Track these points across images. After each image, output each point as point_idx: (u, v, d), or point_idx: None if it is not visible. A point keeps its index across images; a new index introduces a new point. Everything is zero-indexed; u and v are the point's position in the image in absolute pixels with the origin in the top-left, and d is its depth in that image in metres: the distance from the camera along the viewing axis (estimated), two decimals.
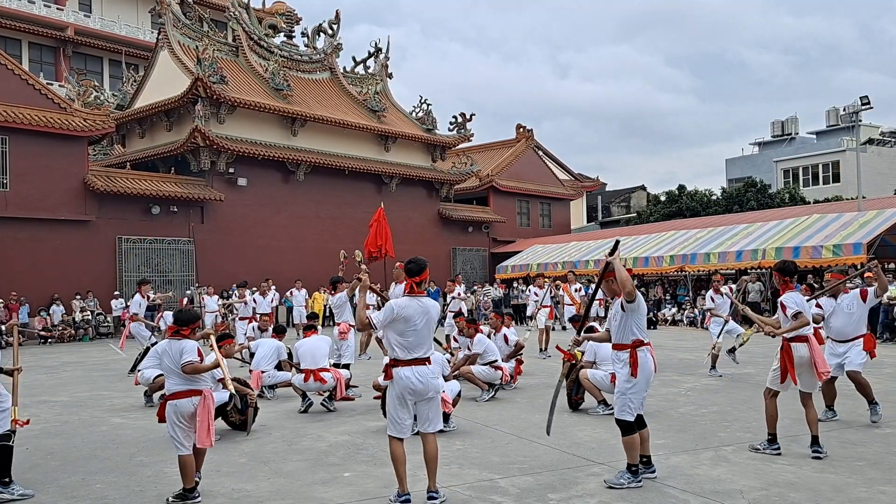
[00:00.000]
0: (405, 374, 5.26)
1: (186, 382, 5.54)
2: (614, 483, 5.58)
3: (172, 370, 5.57)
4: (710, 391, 10.20)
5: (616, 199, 54.06)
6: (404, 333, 5.30)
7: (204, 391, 5.56)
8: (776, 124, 57.56)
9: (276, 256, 26.97)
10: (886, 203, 24.62)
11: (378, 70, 34.54)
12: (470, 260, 34.86)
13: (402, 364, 5.29)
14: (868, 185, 36.95)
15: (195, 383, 5.58)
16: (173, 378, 5.56)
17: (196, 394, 5.53)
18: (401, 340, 5.30)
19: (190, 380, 5.55)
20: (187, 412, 5.50)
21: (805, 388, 6.61)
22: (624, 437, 5.68)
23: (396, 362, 5.31)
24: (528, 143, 39.81)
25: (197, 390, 5.55)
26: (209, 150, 25.27)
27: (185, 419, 5.52)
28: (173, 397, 5.53)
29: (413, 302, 5.37)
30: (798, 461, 6.28)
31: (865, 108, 26.96)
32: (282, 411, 9.19)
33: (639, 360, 5.69)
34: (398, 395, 5.30)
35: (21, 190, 21.61)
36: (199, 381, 5.61)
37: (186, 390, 5.52)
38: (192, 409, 5.50)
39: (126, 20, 40.58)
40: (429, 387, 5.31)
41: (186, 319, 5.74)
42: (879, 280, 7.93)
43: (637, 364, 5.67)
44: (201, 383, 5.62)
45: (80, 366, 15.22)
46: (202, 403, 5.50)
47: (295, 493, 5.68)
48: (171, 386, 5.57)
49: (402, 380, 5.26)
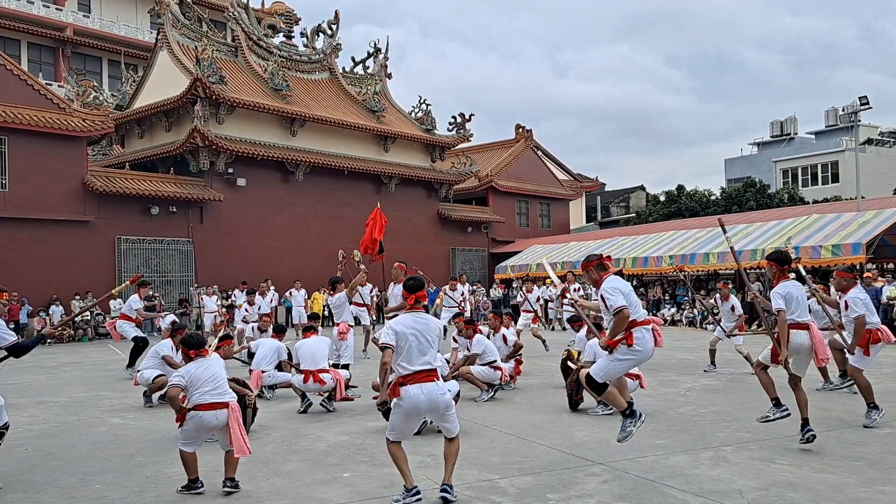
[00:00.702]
0: (413, 391, 5.17)
1: (213, 395, 5.65)
2: (623, 437, 5.70)
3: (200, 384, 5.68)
4: (709, 391, 10.20)
5: (615, 199, 54.09)
6: (408, 349, 5.26)
7: (231, 403, 5.69)
8: (775, 124, 57.57)
9: (275, 257, 26.97)
10: (885, 203, 24.63)
11: (377, 70, 34.54)
12: (469, 260, 34.86)
13: (409, 381, 5.19)
14: (867, 186, 36.96)
15: (222, 395, 5.70)
16: (200, 390, 5.66)
17: (223, 406, 5.66)
18: (404, 357, 5.25)
19: (218, 393, 5.68)
20: (209, 424, 5.63)
21: (797, 371, 6.68)
22: (601, 395, 5.72)
23: (403, 379, 5.22)
24: (528, 144, 39.82)
25: (223, 403, 5.67)
26: (208, 150, 25.27)
27: (205, 431, 5.68)
28: (199, 408, 5.62)
29: (412, 318, 5.38)
30: (797, 461, 6.28)
31: (864, 109, 27.00)
32: (281, 411, 9.19)
33: (634, 338, 5.75)
34: (406, 413, 5.23)
35: (20, 190, 21.60)
36: (225, 393, 5.74)
37: (212, 403, 5.63)
38: (215, 421, 5.62)
39: (125, 20, 40.57)
40: (437, 404, 5.20)
41: (196, 344, 5.88)
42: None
43: (632, 339, 5.76)
44: (227, 395, 5.74)
45: (80, 366, 15.21)
46: (232, 416, 5.63)
47: (294, 493, 5.68)
48: (196, 398, 5.65)
49: (410, 398, 5.17)
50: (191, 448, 5.65)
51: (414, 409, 5.20)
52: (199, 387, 5.66)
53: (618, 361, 5.88)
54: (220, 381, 5.78)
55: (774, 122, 57.68)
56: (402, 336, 5.25)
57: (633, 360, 5.91)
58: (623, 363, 5.89)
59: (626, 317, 5.77)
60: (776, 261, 6.97)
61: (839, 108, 44.73)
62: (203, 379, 5.69)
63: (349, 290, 11.21)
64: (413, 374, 5.20)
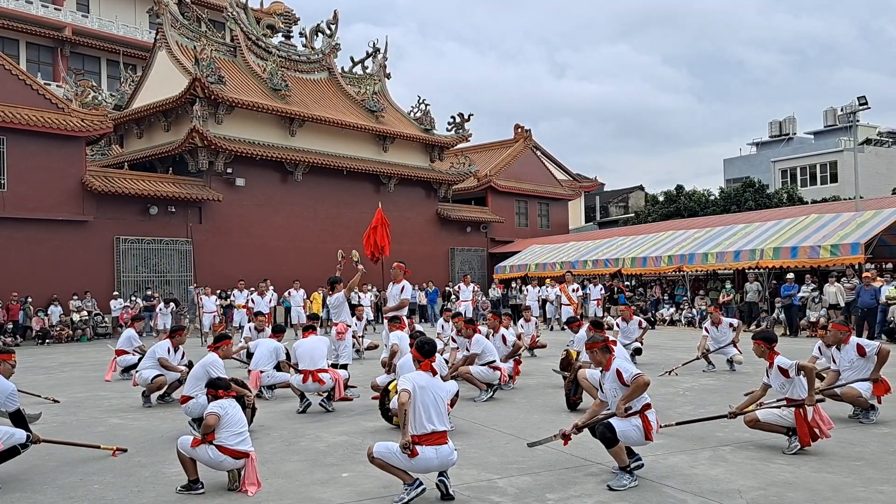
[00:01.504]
0: (428, 454, 5.24)
1: (239, 443, 5.67)
2: (617, 486, 5.59)
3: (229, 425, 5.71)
4: (708, 391, 10.20)
5: (614, 199, 54.12)
6: (426, 408, 5.32)
7: (251, 454, 5.72)
8: (774, 124, 57.60)
9: (274, 257, 26.97)
10: (884, 203, 24.65)
11: (376, 70, 34.55)
12: (468, 260, 34.87)
13: (425, 442, 5.25)
14: (866, 186, 36.98)
15: (245, 444, 5.71)
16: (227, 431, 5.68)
17: (244, 456, 5.68)
18: (422, 414, 5.30)
19: (242, 440, 5.70)
20: (224, 467, 5.68)
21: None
22: (610, 448, 5.71)
23: (419, 439, 5.25)
24: (527, 144, 39.84)
25: (245, 453, 5.69)
26: (207, 150, 25.26)
27: (216, 466, 5.69)
28: (222, 450, 5.64)
29: (429, 378, 5.49)
30: (796, 461, 6.28)
31: (863, 109, 27.04)
32: (280, 412, 9.18)
33: (651, 422, 5.78)
34: (411, 468, 5.25)
35: (19, 190, 21.59)
36: (247, 441, 5.76)
37: (236, 450, 5.65)
38: (230, 465, 5.67)
39: (124, 20, 40.56)
40: (446, 464, 5.34)
41: (224, 386, 5.95)
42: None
43: (651, 428, 5.77)
44: (249, 444, 5.77)
45: (78, 366, 15.20)
46: (249, 465, 5.67)
47: (293, 493, 5.68)
48: (220, 439, 5.66)
49: (424, 460, 5.23)
50: (190, 455, 5.67)
51: (423, 469, 5.28)
52: (226, 427, 5.68)
53: (635, 429, 5.79)
54: (244, 427, 5.82)
55: (773, 122, 57.70)
56: (421, 391, 5.34)
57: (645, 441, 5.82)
58: (639, 438, 5.81)
59: (647, 382, 5.74)
60: (764, 339, 6.94)
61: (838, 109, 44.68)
62: (234, 420, 5.74)
63: (347, 289, 11.21)
64: (429, 436, 5.28)
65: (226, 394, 5.89)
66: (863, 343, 7.96)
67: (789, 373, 6.63)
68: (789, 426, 6.58)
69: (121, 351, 12.44)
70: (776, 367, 6.73)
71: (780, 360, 6.74)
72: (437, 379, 5.61)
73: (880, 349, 7.86)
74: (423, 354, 5.71)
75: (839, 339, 8.12)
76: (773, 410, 6.70)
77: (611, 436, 5.65)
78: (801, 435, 6.48)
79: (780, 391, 6.74)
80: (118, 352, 12.50)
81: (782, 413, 6.64)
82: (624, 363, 5.98)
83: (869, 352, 7.83)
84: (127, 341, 12.52)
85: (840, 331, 8.19)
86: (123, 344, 12.52)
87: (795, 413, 6.52)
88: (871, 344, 8.01)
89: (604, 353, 6.05)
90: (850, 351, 7.95)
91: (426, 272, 29.41)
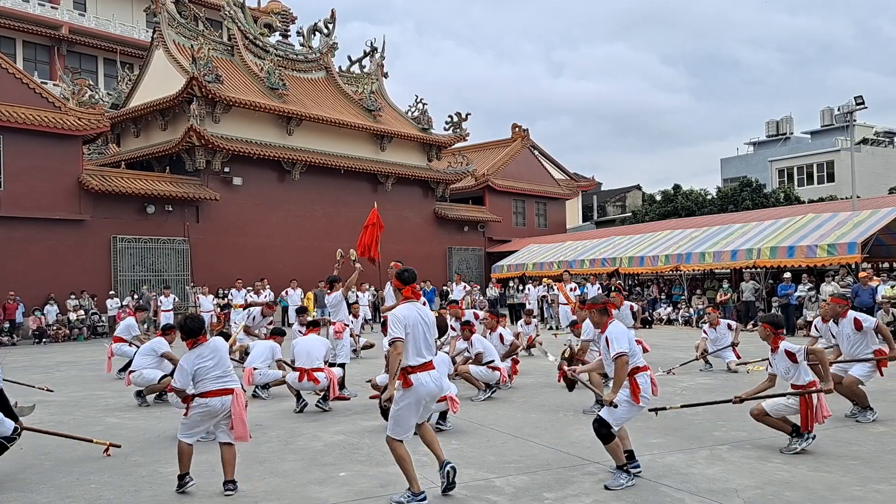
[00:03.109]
0: (425, 379, 5.31)
1: (219, 382, 5.69)
2: (614, 486, 5.59)
3: (205, 372, 5.69)
4: (705, 390, 10.21)
5: (611, 198, 54.17)
6: (415, 341, 5.35)
7: (235, 389, 5.73)
8: (771, 124, 57.66)
9: (271, 256, 26.94)
10: (881, 203, 24.70)
11: (373, 69, 34.52)
12: (466, 259, 34.87)
13: (418, 370, 5.31)
14: (862, 185, 37.05)
15: (227, 382, 5.72)
16: (206, 378, 5.68)
17: (228, 392, 5.69)
18: (412, 348, 5.33)
19: (224, 380, 5.71)
20: (215, 410, 5.67)
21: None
22: (606, 444, 5.71)
23: (412, 370, 5.30)
24: (524, 143, 39.86)
25: (228, 389, 5.70)
26: (204, 149, 25.22)
27: (210, 418, 5.69)
28: (205, 395, 5.65)
29: (415, 308, 5.45)
30: (793, 460, 6.29)
31: (860, 108, 27.04)
32: (277, 411, 9.18)
33: (638, 384, 5.74)
34: (416, 402, 5.31)
35: (15, 189, 21.54)
36: (231, 380, 5.77)
37: (217, 389, 5.67)
38: (220, 407, 5.67)
39: (121, 19, 40.48)
40: (442, 388, 5.53)
41: (192, 331, 5.81)
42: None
43: (639, 391, 5.73)
44: (233, 381, 5.77)
45: (75, 365, 15.17)
46: (235, 401, 5.68)
47: (290, 492, 5.67)
48: (202, 386, 5.67)
49: (423, 385, 5.30)
50: (191, 439, 5.70)
51: (425, 396, 5.33)
52: (204, 376, 5.67)
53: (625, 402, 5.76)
54: (225, 367, 5.80)
55: (770, 122, 57.74)
56: (412, 326, 5.34)
57: (636, 406, 5.78)
58: (630, 409, 5.77)
59: (626, 363, 5.72)
60: (770, 323, 6.91)
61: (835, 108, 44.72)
62: (208, 367, 5.70)
63: (345, 288, 11.21)
64: (421, 365, 5.34)
65: (195, 342, 5.74)
66: (860, 317, 7.96)
67: (797, 357, 6.58)
68: (795, 410, 6.57)
69: (118, 338, 12.39)
70: (782, 351, 6.67)
71: (785, 344, 6.69)
72: (424, 309, 5.55)
73: (878, 325, 7.89)
74: (404, 282, 5.60)
75: (837, 313, 8.12)
76: (780, 400, 6.67)
77: (606, 431, 5.66)
78: (803, 420, 6.49)
79: (784, 376, 6.71)
80: (116, 338, 12.47)
81: (789, 401, 6.62)
82: (616, 332, 5.83)
83: (866, 326, 7.86)
84: (126, 329, 12.46)
85: (839, 304, 8.20)
86: (122, 332, 12.48)
87: (801, 399, 6.51)
88: (868, 318, 8.00)
89: (601, 315, 6.02)
90: (847, 325, 7.96)
91: (423, 272, 29.26)
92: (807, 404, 6.49)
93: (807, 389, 6.56)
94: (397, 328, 5.28)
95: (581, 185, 47.03)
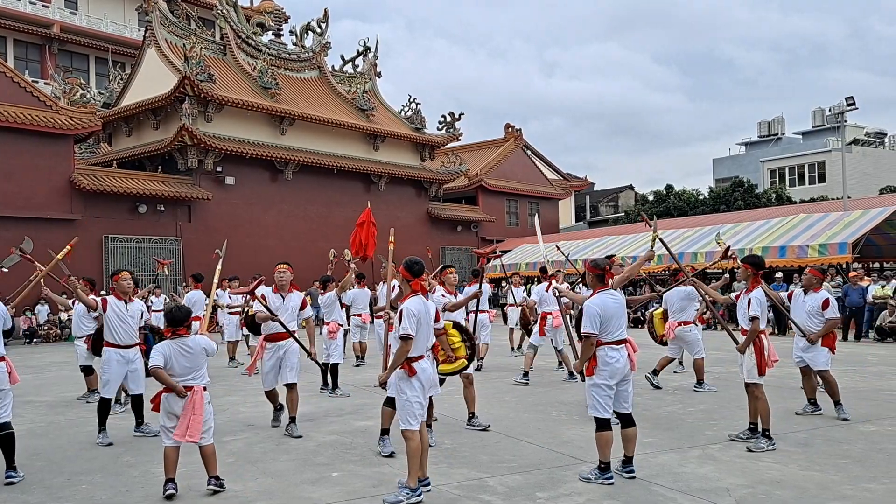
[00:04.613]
0: (424, 365, 5.48)
1: (186, 379, 5.59)
2: (585, 476, 5.69)
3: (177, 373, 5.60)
4: (695, 391, 10.24)
5: (604, 198, 54.24)
6: (420, 336, 5.40)
7: (195, 387, 5.59)
8: (763, 124, 57.94)
9: (263, 255, 26.82)
10: (871, 203, 24.82)
11: (366, 69, 34.50)
12: (459, 259, 34.87)
13: (420, 360, 5.46)
14: (853, 186, 37.24)
15: (193, 379, 5.62)
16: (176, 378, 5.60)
17: (188, 390, 5.57)
18: (418, 342, 5.40)
19: (190, 376, 5.61)
20: (178, 405, 5.55)
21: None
22: (596, 431, 5.73)
23: (414, 359, 5.41)
24: (517, 143, 39.93)
25: (189, 387, 5.59)
26: (196, 148, 25.15)
27: (177, 412, 5.55)
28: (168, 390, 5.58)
29: (423, 303, 5.49)
30: (784, 459, 6.32)
31: (851, 109, 27.16)
32: (270, 411, 9.14)
33: (598, 359, 5.72)
34: (421, 388, 5.42)
35: (6, 188, 21.43)
36: (197, 377, 5.65)
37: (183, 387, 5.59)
38: (182, 402, 5.56)
39: (113, 18, 40.29)
40: (434, 373, 5.74)
41: (176, 320, 5.70)
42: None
43: (596, 364, 5.71)
44: (199, 380, 5.66)
45: (66, 366, 15.08)
46: (190, 399, 5.53)
47: (283, 492, 5.66)
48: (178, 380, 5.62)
49: (423, 371, 5.44)
50: (170, 441, 5.52)
51: (426, 381, 5.45)
52: (177, 376, 5.57)
53: (595, 387, 5.72)
54: (197, 367, 5.65)
55: (762, 122, 58.04)
56: (423, 322, 5.43)
57: (605, 383, 5.68)
58: (600, 389, 5.70)
59: (592, 344, 5.68)
60: (753, 265, 7.00)
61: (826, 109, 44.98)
62: (181, 364, 5.58)
63: (339, 288, 11.20)
64: (419, 356, 5.47)
65: (174, 332, 5.64)
66: (831, 300, 8.06)
67: (747, 317, 6.89)
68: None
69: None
70: (748, 298, 6.91)
71: (755, 294, 6.87)
72: (429, 303, 5.60)
73: (834, 318, 8.04)
74: (414, 274, 5.55)
75: (811, 284, 8.25)
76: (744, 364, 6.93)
77: (598, 420, 5.74)
78: (760, 366, 6.79)
79: (741, 319, 7.00)
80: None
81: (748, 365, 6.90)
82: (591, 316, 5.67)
83: (828, 311, 7.99)
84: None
85: (815, 277, 8.32)
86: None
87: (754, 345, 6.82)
88: (834, 306, 8.10)
89: (597, 281, 5.94)
90: (815, 301, 8.10)
91: None
92: (760, 349, 6.77)
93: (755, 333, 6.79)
94: (411, 324, 5.29)
95: (574, 185, 47.12)
